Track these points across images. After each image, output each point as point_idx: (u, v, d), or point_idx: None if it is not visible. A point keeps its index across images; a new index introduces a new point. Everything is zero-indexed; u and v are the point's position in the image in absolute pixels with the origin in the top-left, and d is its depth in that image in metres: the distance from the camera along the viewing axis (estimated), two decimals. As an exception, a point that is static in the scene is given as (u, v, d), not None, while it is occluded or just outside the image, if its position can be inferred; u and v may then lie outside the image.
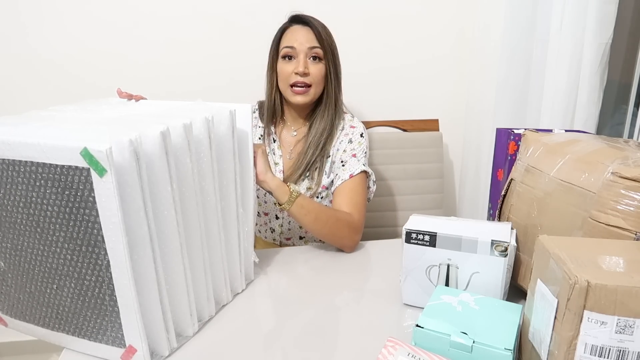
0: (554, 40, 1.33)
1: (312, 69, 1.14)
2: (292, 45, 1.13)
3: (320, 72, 1.14)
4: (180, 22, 1.55)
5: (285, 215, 1.21)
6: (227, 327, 0.78)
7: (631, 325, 0.49)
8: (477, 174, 1.63)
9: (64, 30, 1.51)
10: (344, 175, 1.14)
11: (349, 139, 1.20)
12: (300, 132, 1.24)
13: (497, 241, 0.73)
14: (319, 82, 1.15)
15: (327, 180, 1.19)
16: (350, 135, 1.20)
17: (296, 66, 1.12)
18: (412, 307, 0.82)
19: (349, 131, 1.21)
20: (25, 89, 1.54)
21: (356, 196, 1.12)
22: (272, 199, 1.16)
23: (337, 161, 1.18)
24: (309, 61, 1.14)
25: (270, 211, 1.24)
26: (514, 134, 0.99)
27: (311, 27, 1.14)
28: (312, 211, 1.03)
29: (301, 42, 1.13)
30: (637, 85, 1.39)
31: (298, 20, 1.16)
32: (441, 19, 1.66)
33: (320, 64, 1.14)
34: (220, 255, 0.81)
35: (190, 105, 0.82)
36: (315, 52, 1.13)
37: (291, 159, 1.22)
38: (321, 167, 1.17)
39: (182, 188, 0.69)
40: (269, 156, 1.19)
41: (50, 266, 0.65)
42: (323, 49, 1.13)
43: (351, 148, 1.18)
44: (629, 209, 0.63)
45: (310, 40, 1.13)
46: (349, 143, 1.19)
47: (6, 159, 0.62)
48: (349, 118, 1.24)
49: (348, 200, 1.11)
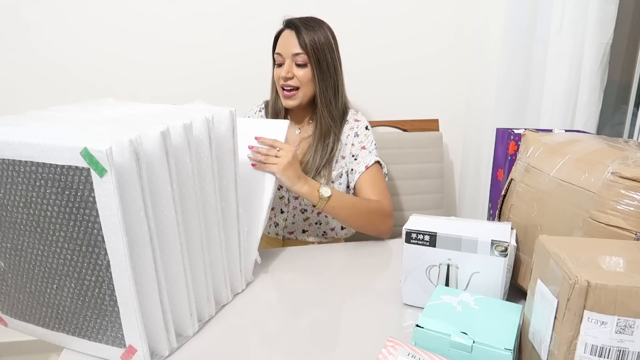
0: (554, 40, 1.33)
1: (297, 72, 1.17)
2: (279, 52, 1.19)
3: (306, 75, 1.17)
4: (181, 23, 1.55)
5: (291, 209, 1.24)
6: (227, 327, 0.78)
7: (631, 325, 0.49)
8: (477, 174, 1.63)
9: (65, 31, 1.51)
10: (360, 168, 1.20)
11: (355, 133, 1.25)
12: (304, 130, 1.28)
13: (497, 241, 0.73)
14: (306, 84, 1.18)
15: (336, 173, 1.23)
16: (356, 129, 1.25)
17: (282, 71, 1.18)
18: (412, 307, 0.82)
19: (354, 125, 1.26)
20: (25, 90, 1.54)
21: (379, 184, 1.19)
22: (277, 193, 1.22)
23: (348, 155, 1.23)
24: (294, 66, 1.18)
25: (275, 205, 1.26)
26: (514, 134, 0.99)
27: (297, 33, 1.17)
28: (345, 208, 1.08)
29: (287, 48, 1.17)
30: (637, 85, 1.39)
31: (288, 25, 1.20)
32: (441, 19, 1.66)
33: (306, 68, 1.17)
34: (220, 255, 0.81)
35: (190, 106, 0.82)
36: (299, 59, 1.17)
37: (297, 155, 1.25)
38: (330, 166, 1.21)
39: (182, 188, 0.69)
40: None
41: (50, 266, 0.66)
42: (306, 54, 1.16)
43: (359, 141, 1.23)
44: (629, 209, 0.63)
45: (294, 46, 1.16)
46: (355, 137, 1.24)
47: (6, 159, 0.62)
48: (352, 112, 1.29)
49: (372, 189, 1.17)
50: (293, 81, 1.17)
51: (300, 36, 1.16)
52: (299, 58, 1.16)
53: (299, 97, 1.19)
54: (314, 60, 1.17)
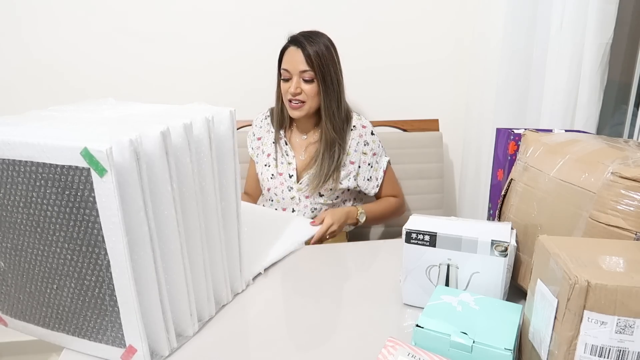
0: (554, 41, 1.33)
1: (304, 87, 1.28)
2: (287, 68, 1.29)
3: (312, 90, 1.29)
4: (181, 23, 1.55)
5: (302, 207, 1.37)
6: (227, 327, 0.78)
7: (631, 325, 0.49)
8: (477, 174, 1.63)
9: (65, 32, 1.51)
10: (379, 174, 1.41)
11: (364, 141, 1.38)
12: (310, 135, 1.40)
13: (497, 241, 0.73)
14: (313, 97, 1.30)
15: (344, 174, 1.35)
16: (365, 137, 1.38)
17: (290, 86, 1.28)
18: (412, 307, 0.82)
19: (362, 131, 1.38)
20: (25, 90, 1.54)
21: (394, 182, 1.47)
22: (289, 194, 1.37)
23: (358, 162, 1.37)
24: (302, 82, 1.28)
25: (287, 205, 1.39)
26: (514, 134, 0.99)
27: (302, 50, 1.26)
28: (373, 220, 1.41)
29: (294, 65, 1.27)
30: (637, 85, 1.39)
31: (293, 42, 1.29)
32: (442, 19, 1.66)
33: (312, 83, 1.28)
34: (220, 255, 0.81)
35: (190, 106, 0.82)
36: (306, 75, 1.27)
37: (304, 159, 1.39)
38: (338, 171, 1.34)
39: (182, 188, 0.69)
40: (283, 157, 1.38)
41: (51, 266, 0.66)
42: (313, 71, 1.26)
43: (370, 149, 1.38)
44: (629, 209, 0.63)
45: (301, 63, 1.26)
46: (365, 145, 1.38)
47: (6, 159, 0.62)
48: (356, 117, 1.39)
49: (391, 189, 1.45)
50: (301, 96, 1.29)
51: (306, 53, 1.26)
52: (306, 74, 1.27)
53: (306, 109, 1.30)
54: (320, 76, 1.27)
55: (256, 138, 1.45)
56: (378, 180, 1.41)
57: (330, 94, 1.30)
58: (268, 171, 1.39)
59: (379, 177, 1.41)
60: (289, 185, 1.37)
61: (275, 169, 1.38)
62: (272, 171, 1.39)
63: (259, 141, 1.45)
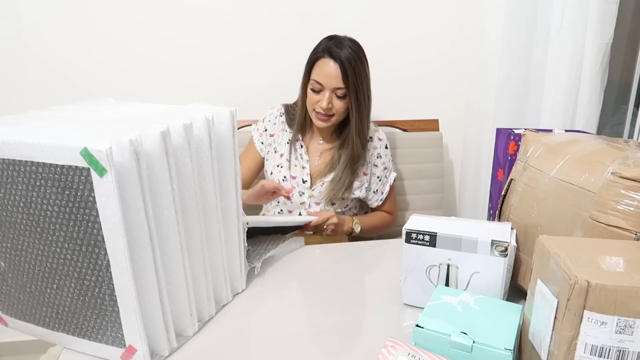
0: (554, 40, 1.33)
1: (335, 103, 1.24)
2: (320, 81, 1.23)
3: (343, 106, 1.25)
4: (182, 23, 1.55)
5: (309, 209, 1.36)
6: (227, 327, 0.78)
7: (631, 325, 0.49)
8: (477, 174, 1.63)
9: (65, 32, 1.51)
10: (385, 188, 1.41)
11: (377, 154, 1.38)
12: (326, 141, 1.37)
13: (497, 241, 0.73)
14: (342, 113, 1.27)
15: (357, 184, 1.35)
16: (379, 149, 1.38)
17: (321, 100, 1.23)
18: (412, 307, 0.82)
19: (377, 144, 1.38)
20: (25, 90, 1.54)
21: (394, 199, 1.46)
22: (299, 199, 1.35)
23: (370, 174, 1.37)
24: (334, 97, 1.24)
25: (294, 209, 1.37)
26: (514, 134, 0.99)
27: (340, 66, 1.20)
28: (367, 232, 1.37)
29: (329, 80, 1.22)
30: (637, 85, 1.39)
31: (330, 54, 1.22)
32: (441, 19, 1.66)
33: (344, 100, 1.24)
34: (220, 255, 0.81)
35: (190, 106, 0.82)
36: (339, 92, 1.23)
37: (318, 165, 1.37)
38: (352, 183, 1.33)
39: (182, 188, 0.69)
40: (297, 160, 1.36)
41: (50, 266, 0.66)
42: (347, 89, 1.22)
43: (382, 162, 1.39)
44: (629, 209, 0.63)
45: (336, 78, 1.21)
46: (378, 158, 1.39)
47: (6, 158, 0.62)
48: (373, 128, 1.38)
49: (390, 205, 1.44)
50: (330, 111, 1.25)
51: (344, 70, 1.20)
52: (340, 91, 1.23)
53: (333, 121, 1.28)
54: (354, 94, 1.23)
55: (268, 134, 1.40)
56: (384, 195, 1.40)
57: (362, 111, 1.26)
58: (280, 172, 1.35)
59: (384, 191, 1.40)
60: (301, 190, 1.35)
61: (288, 171, 1.35)
62: (285, 173, 1.35)
63: (271, 138, 1.39)
